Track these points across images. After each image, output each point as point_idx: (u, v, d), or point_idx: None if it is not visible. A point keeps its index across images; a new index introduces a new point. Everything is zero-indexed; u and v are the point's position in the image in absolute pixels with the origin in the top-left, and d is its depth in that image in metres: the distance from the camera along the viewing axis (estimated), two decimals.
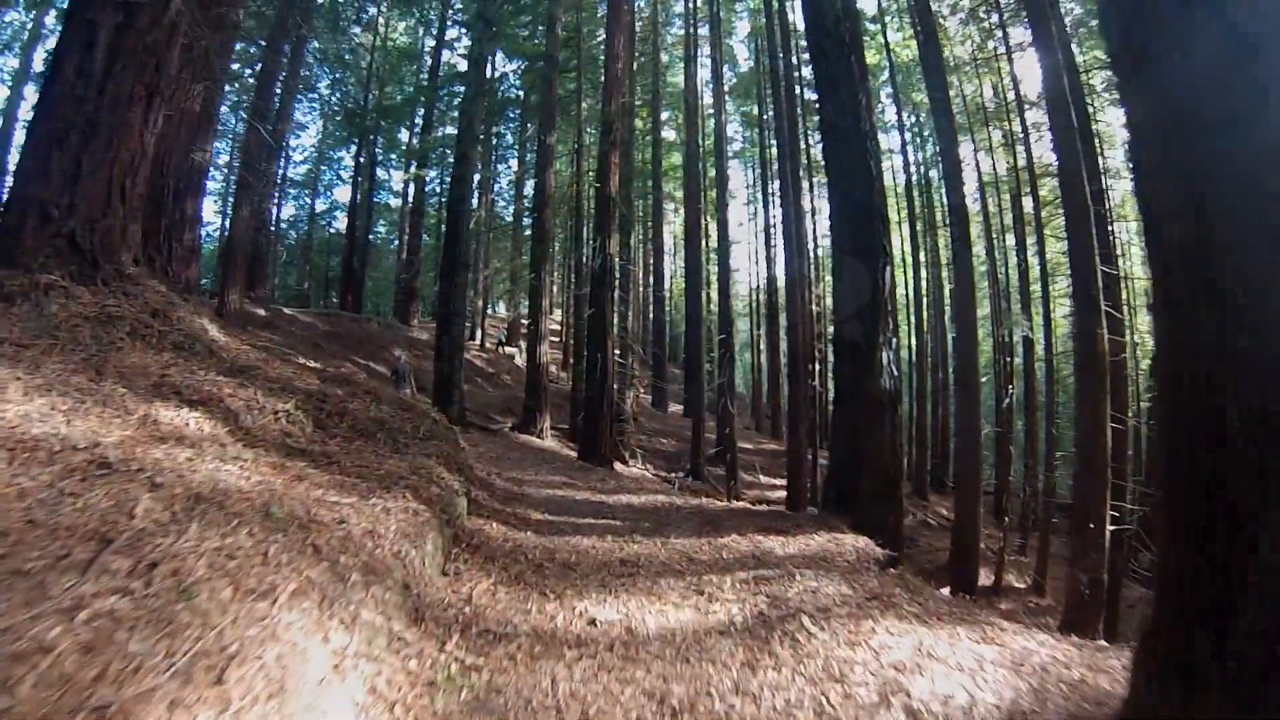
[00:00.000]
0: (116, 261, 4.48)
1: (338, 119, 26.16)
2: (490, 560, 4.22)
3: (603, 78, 14.87)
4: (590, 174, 22.85)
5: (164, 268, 9.15)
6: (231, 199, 21.48)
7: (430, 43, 25.01)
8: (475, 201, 27.74)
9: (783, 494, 15.54)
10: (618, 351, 12.46)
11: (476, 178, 26.92)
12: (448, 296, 11.40)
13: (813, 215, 20.38)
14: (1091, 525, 6.03)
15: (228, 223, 22.46)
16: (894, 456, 7.45)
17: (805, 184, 17.63)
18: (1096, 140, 12.10)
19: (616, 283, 11.60)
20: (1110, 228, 12.16)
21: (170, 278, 9.22)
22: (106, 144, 4.44)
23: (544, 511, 6.05)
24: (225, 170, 23.44)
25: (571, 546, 4.93)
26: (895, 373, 7.48)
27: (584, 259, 20.25)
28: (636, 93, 20.55)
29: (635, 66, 18.52)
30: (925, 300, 20.85)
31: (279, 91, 16.61)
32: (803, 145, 17.37)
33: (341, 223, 28.20)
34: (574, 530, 5.49)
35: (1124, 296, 13.06)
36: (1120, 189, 17.19)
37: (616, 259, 11.52)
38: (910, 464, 20.20)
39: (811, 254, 19.49)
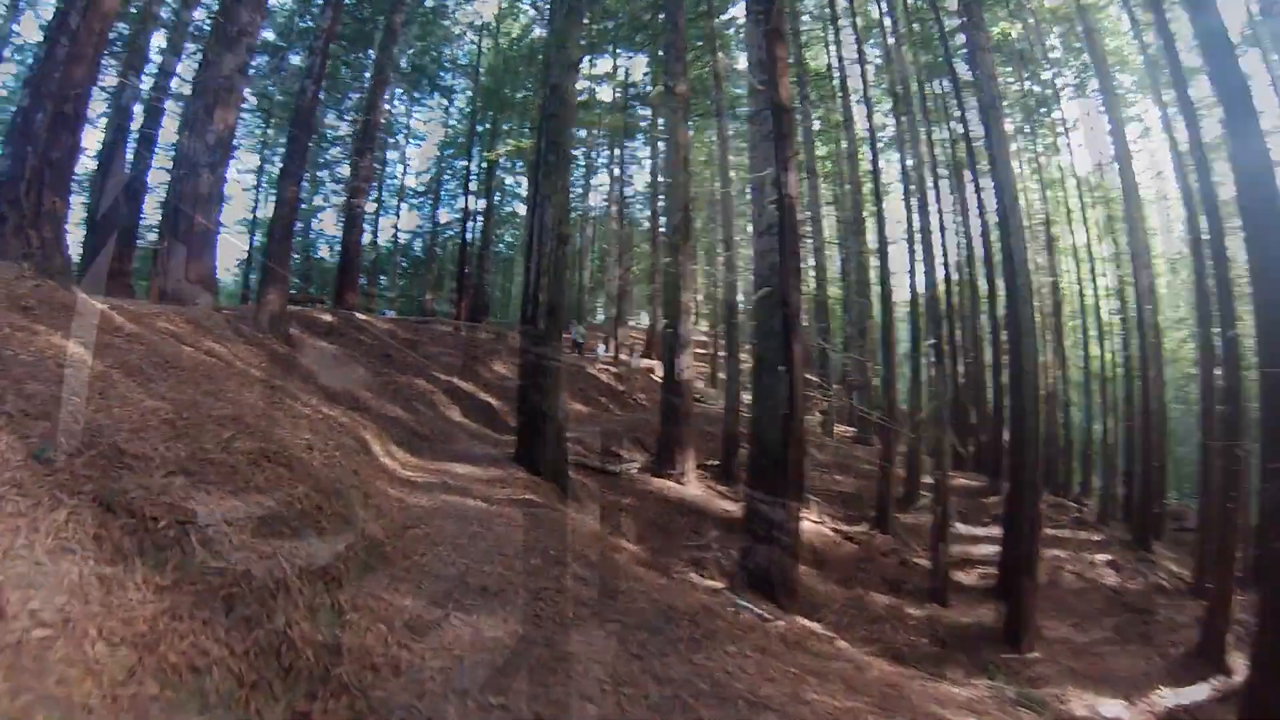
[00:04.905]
0: None
1: (452, 123, 24.55)
2: None
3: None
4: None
5: (20, 227, 6.11)
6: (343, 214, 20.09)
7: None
8: (604, 204, 25.01)
9: (992, 551, 10.04)
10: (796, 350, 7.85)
11: (621, 183, 23.86)
12: (537, 283, 7.46)
13: None
14: None
15: (344, 230, 21.13)
16: None
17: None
18: None
19: (798, 246, 6.99)
20: None
21: (29, 242, 6.18)
22: None
23: None
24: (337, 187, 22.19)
25: None
26: None
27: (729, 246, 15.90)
28: None
29: None
30: None
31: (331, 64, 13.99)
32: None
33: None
34: None
35: None
36: None
37: (797, 205, 6.93)
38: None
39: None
